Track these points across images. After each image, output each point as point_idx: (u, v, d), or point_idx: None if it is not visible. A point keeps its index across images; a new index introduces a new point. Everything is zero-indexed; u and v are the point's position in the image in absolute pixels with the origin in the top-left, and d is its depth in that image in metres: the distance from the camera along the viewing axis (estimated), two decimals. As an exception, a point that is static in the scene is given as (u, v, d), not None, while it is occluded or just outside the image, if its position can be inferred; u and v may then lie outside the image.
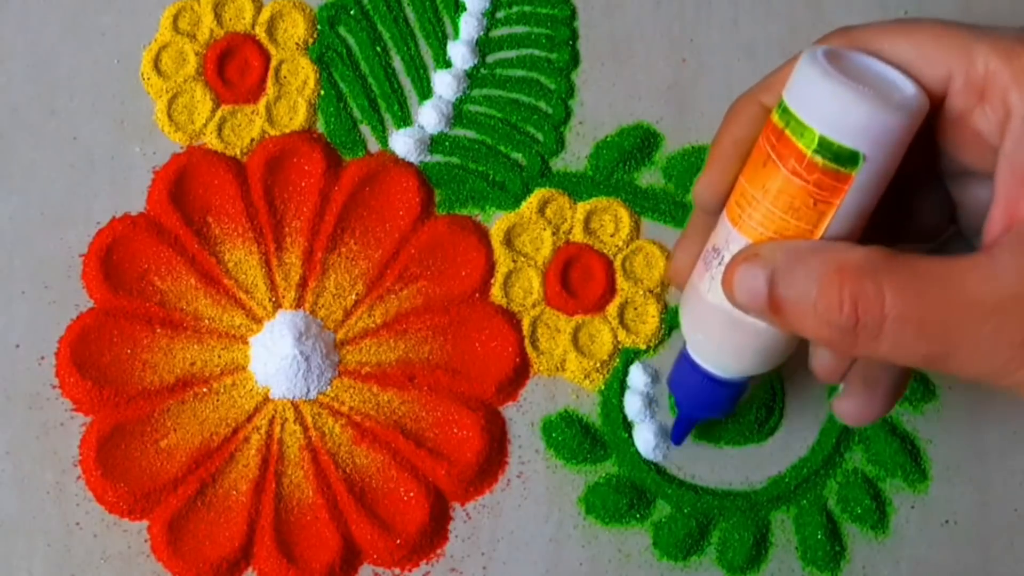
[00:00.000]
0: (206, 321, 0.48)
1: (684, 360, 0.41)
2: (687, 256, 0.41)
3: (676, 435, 0.45)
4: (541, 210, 0.50)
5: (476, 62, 0.52)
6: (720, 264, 0.37)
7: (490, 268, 0.49)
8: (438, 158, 0.51)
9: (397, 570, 0.46)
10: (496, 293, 0.49)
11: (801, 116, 0.35)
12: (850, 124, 0.34)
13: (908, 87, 0.35)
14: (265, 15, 0.52)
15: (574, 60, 0.52)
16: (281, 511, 0.46)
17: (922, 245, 0.40)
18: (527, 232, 0.50)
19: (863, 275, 0.33)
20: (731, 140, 0.39)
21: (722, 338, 0.39)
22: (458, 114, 0.51)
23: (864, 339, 0.33)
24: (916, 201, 0.39)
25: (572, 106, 0.52)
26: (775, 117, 0.36)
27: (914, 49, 0.35)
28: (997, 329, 0.32)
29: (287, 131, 0.50)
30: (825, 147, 0.34)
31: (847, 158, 0.34)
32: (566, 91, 0.52)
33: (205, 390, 0.47)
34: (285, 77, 0.51)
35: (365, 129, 0.51)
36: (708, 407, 0.42)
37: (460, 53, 0.52)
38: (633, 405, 0.48)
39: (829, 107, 0.34)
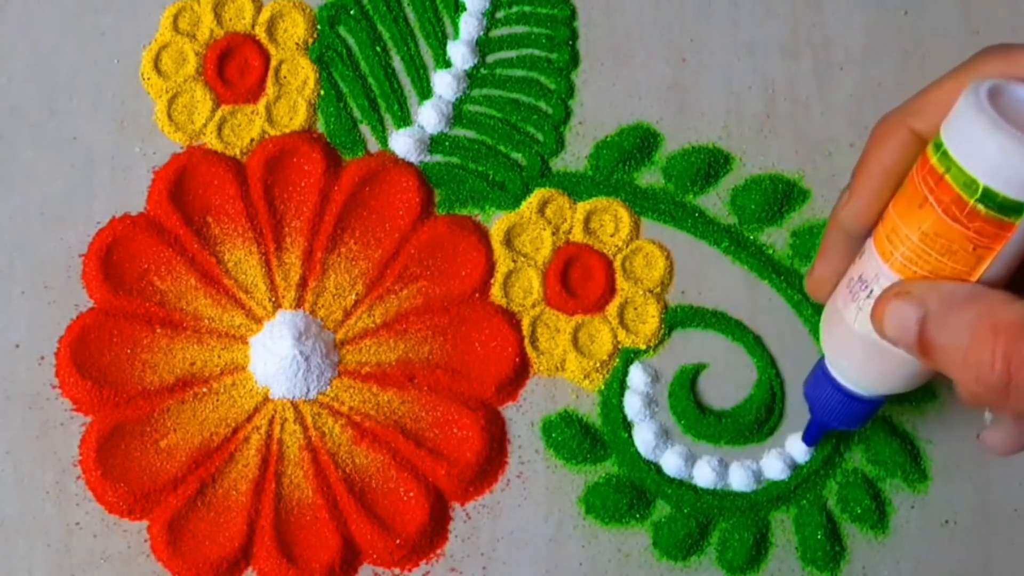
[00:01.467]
0: (206, 321, 0.48)
1: (823, 376, 0.41)
2: (827, 272, 0.40)
3: (809, 439, 0.45)
4: (541, 210, 0.50)
5: (476, 62, 0.52)
6: (869, 297, 0.37)
7: (490, 268, 0.49)
8: (438, 158, 0.51)
9: (397, 570, 0.46)
10: (496, 293, 0.49)
11: (963, 164, 0.34)
12: (1017, 177, 0.33)
13: None
14: (265, 15, 0.52)
15: (574, 60, 0.52)
16: (281, 511, 0.46)
17: None
18: (527, 232, 0.50)
19: (1018, 334, 0.32)
20: (880, 168, 0.38)
21: (867, 364, 0.39)
22: (458, 114, 0.51)
23: (1015, 399, 0.33)
24: None
25: (572, 106, 0.52)
26: (933, 159, 0.35)
27: None
28: None
29: (287, 131, 0.50)
30: (989, 198, 0.33)
31: (1012, 208, 0.33)
32: (566, 91, 0.52)
33: (205, 390, 0.47)
34: (285, 77, 0.51)
35: (365, 129, 0.51)
36: (845, 419, 0.42)
37: (460, 53, 0.52)
38: (633, 405, 0.48)
39: (996, 159, 0.33)
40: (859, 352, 0.39)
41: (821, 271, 0.41)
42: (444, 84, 0.51)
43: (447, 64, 0.52)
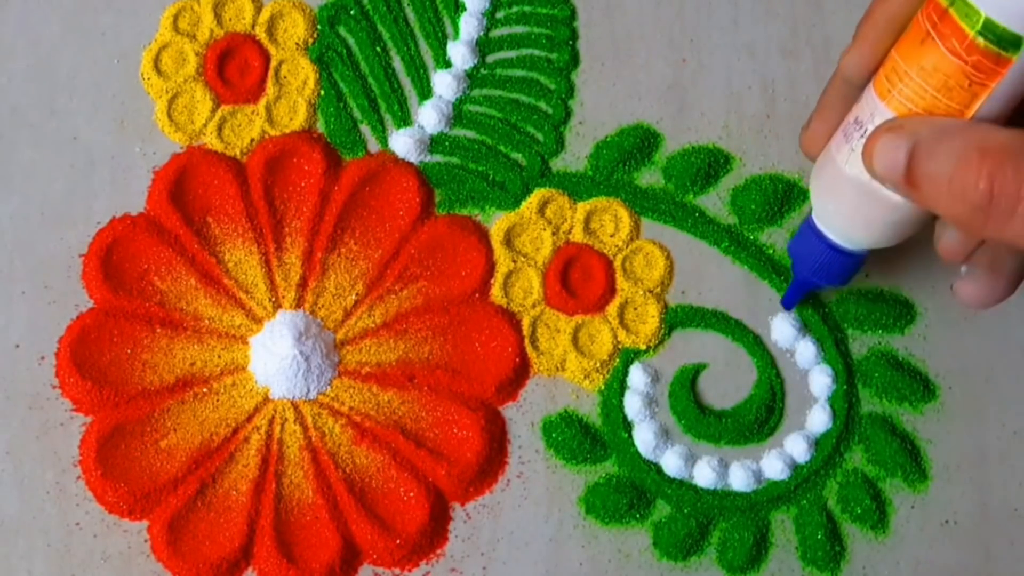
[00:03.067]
0: (206, 321, 0.48)
1: (808, 228, 0.42)
2: (824, 127, 0.41)
3: (789, 300, 0.46)
4: (541, 210, 0.50)
5: (476, 62, 0.52)
6: (862, 137, 0.38)
7: (490, 268, 0.49)
8: (438, 158, 0.51)
9: (397, 570, 0.46)
10: (496, 293, 0.49)
11: None
12: (1017, 8, 0.34)
13: None
14: (265, 15, 0.52)
15: (574, 60, 0.52)
16: (281, 511, 0.46)
17: None
18: (527, 232, 0.50)
19: (1004, 156, 0.33)
20: (884, 15, 0.39)
21: (854, 209, 0.40)
22: (458, 114, 0.51)
23: (995, 219, 0.33)
24: None
25: (572, 106, 0.52)
26: None
27: None
28: None
29: (287, 131, 0.50)
30: (989, 29, 0.34)
31: (1010, 41, 0.34)
32: (566, 91, 0.52)
33: (205, 390, 0.47)
34: (285, 77, 0.51)
35: (365, 129, 0.51)
36: (827, 275, 0.43)
37: (460, 53, 0.52)
38: (633, 405, 0.48)
39: None
40: (847, 196, 0.40)
41: (818, 126, 0.42)
42: (444, 84, 0.51)
43: (447, 64, 0.52)
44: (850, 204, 0.40)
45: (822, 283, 0.44)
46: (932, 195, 0.35)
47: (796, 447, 0.48)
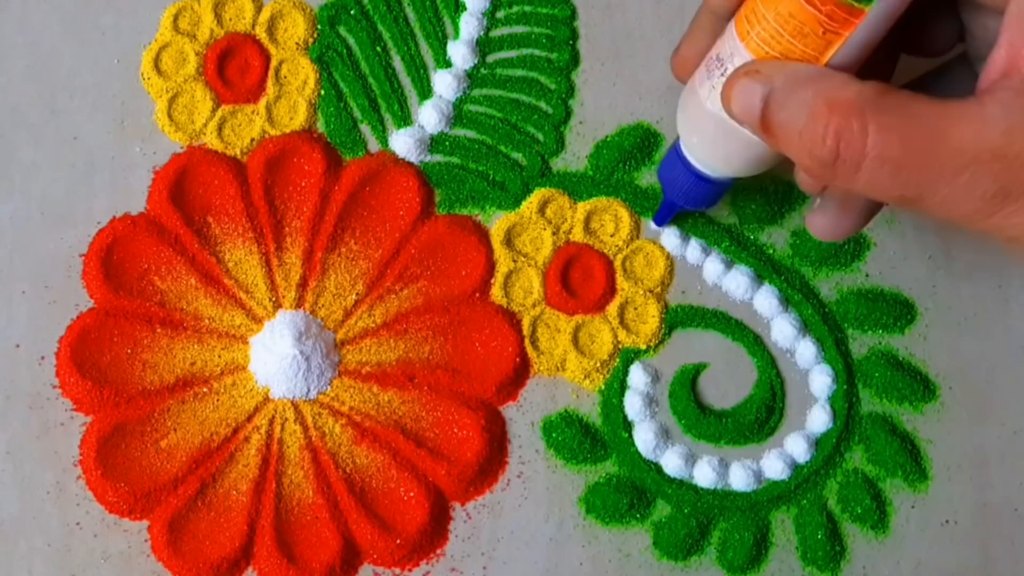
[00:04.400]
0: (206, 321, 0.48)
1: (676, 154, 0.43)
2: (692, 52, 0.42)
3: (659, 219, 0.48)
4: (541, 210, 0.50)
5: (476, 62, 0.52)
6: (722, 75, 0.38)
7: (490, 268, 0.49)
8: (438, 158, 0.51)
9: (397, 570, 0.46)
10: (496, 293, 0.49)
11: None
12: None
13: None
14: (265, 15, 0.52)
15: (574, 60, 0.52)
16: (281, 511, 0.46)
17: (927, 59, 0.41)
18: (527, 232, 0.50)
19: (851, 112, 0.34)
20: None
21: (714, 143, 0.41)
22: (458, 114, 0.51)
23: (842, 173, 0.34)
24: (926, 19, 0.39)
25: (572, 106, 0.52)
26: None
27: None
28: (971, 180, 0.33)
29: (287, 131, 0.50)
30: None
31: None
32: (566, 91, 0.52)
33: (205, 390, 0.47)
34: (285, 77, 0.51)
35: (365, 129, 0.51)
36: (693, 200, 0.44)
37: (460, 53, 0.52)
38: (633, 405, 0.48)
39: None
40: (709, 130, 0.40)
41: (686, 50, 0.42)
42: (444, 84, 0.51)
43: (447, 64, 0.52)
44: (712, 137, 0.41)
45: (689, 207, 0.45)
46: (785, 143, 0.35)
47: (796, 447, 0.48)
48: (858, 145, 0.33)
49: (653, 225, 0.49)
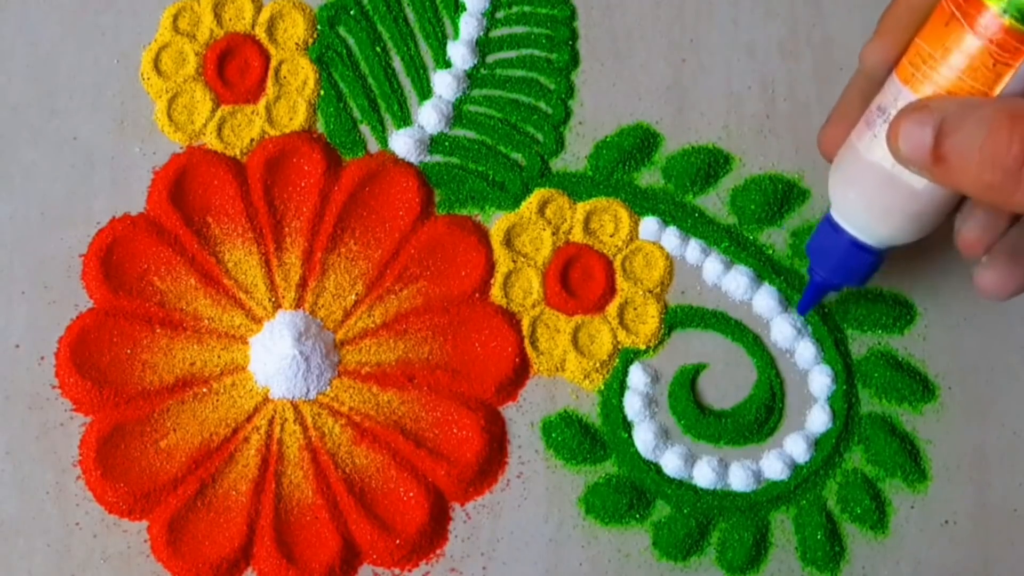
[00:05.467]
0: (206, 321, 0.48)
1: (827, 224, 0.42)
2: (842, 125, 0.41)
3: (804, 305, 0.46)
4: (541, 210, 0.50)
5: (476, 62, 0.52)
6: (885, 122, 0.38)
7: (490, 268, 0.49)
8: (438, 158, 0.51)
9: (397, 570, 0.46)
10: (496, 293, 0.49)
11: None
12: None
13: None
14: (265, 15, 0.52)
15: (574, 60, 0.52)
16: (281, 511, 0.46)
17: None
18: (527, 232, 0.50)
19: None
20: (906, 6, 0.39)
21: (873, 197, 0.40)
22: (458, 114, 0.51)
23: None
24: None
25: (572, 106, 0.52)
26: None
27: None
28: None
29: (287, 131, 0.50)
30: (1015, 7, 0.35)
31: None
32: (566, 91, 0.52)
33: (205, 390, 0.47)
34: (285, 77, 0.51)
35: (365, 129, 0.51)
36: (845, 273, 0.42)
37: (460, 53, 0.52)
38: (633, 405, 0.48)
39: None
40: (868, 182, 0.39)
41: (837, 124, 0.42)
42: (444, 84, 0.51)
43: (447, 64, 0.52)
44: (870, 191, 0.40)
45: (840, 282, 0.43)
46: (960, 168, 0.35)
47: (796, 447, 0.48)
48: None
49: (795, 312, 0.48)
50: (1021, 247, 0.40)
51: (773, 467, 0.47)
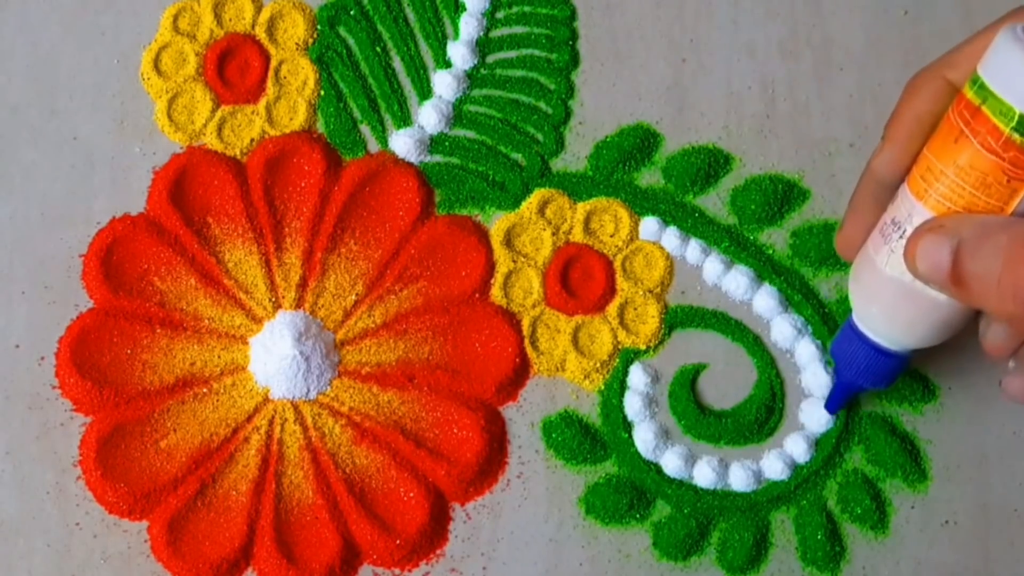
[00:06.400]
0: (206, 321, 0.48)
1: (850, 330, 0.42)
2: (858, 228, 0.41)
3: (833, 404, 0.45)
4: (541, 210, 0.50)
5: (476, 62, 0.52)
6: (901, 238, 0.38)
7: (490, 268, 0.49)
8: (438, 158, 0.51)
9: (397, 570, 0.46)
10: (496, 293, 0.49)
11: (1000, 93, 0.35)
12: None
13: None
14: (265, 15, 0.52)
15: (574, 60, 0.52)
16: (281, 511, 0.46)
17: None
18: (527, 232, 0.50)
19: None
20: (914, 115, 0.39)
21: (895, 310, 0.39)
22: (458, 114, 0.51)
23: None
24: None
25: (572, 106, 0.52)
26: (969, 93, 0.36)
27: None
28: None
29: (287, 131, 0.50)
30: None
31: None
32: (566, 91, 0.52)
33: (205, 390, 0.47)
34: (285, 77, 0.51)
35: (365, 129, 0.51)
36: (871, 377, 0.42)
37: (460, 53, 0.52)
38: (633, 405, 0.48)
39: None
40: (889, 297, 0.39)
41: (852, 227, 0.41)
42: (444, 84, 0.51)
43: (447, 64, 0.52)
44: (892, 305, 0.39)
45: (867, 386, 0.43)
46: (980, 294, 0.34)
47: (796, 447, 0.48)
48: None
49: (824, 410, 0.47)
50: None
51: (773, 467, 0.47)
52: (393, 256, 0.49)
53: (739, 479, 0.47)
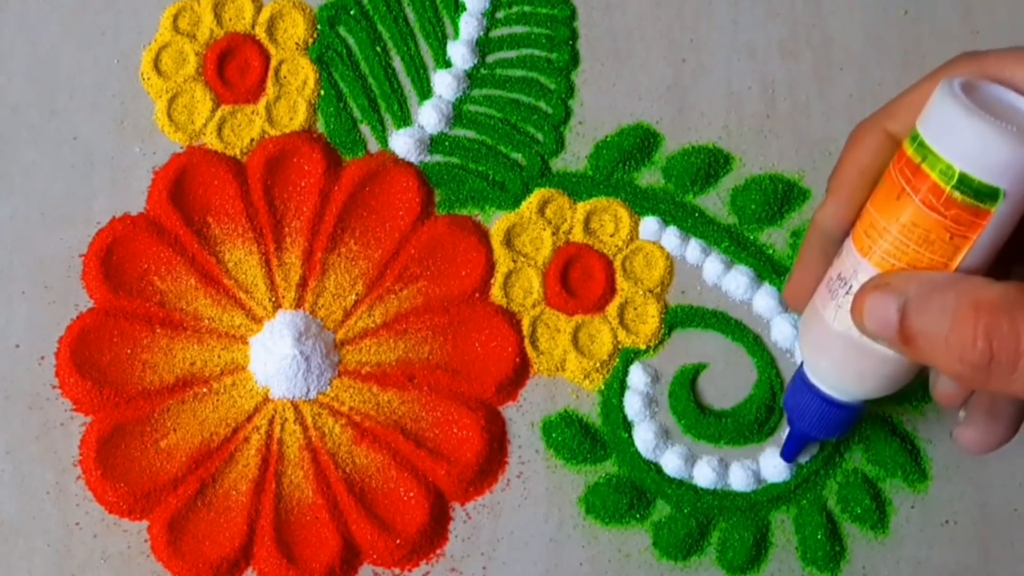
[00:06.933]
0: (206, 321, 0.48)
1: (800, 382, 0.41)
2: (805, 280, 0.40)
3: (788, 453, 0.45)
4: (541, 210, 0.50)
5: (476, 62, 0.52)
6: (847, 293, 0.37)
7: (490, 268, 0.49)
8: (438, 158, 0.51)
9: (397, 570, 0.46)
10: (496, 293, 0.49)
11: (939, 151, 0.34)
12: (992, 161, 0.34)
13: None
14: (265, 15, 0.52)
15: (574, 60, 0.52)
16: (281, 511, 0.46)
17: None
18: (527, 232, 0.50)
19: (999, 311, 0.32)
20: (856, 168, 0.38)
21: (845, 364, 0.39)
22: (458, 114, 0.51)
23: (998, 376, 0.33)
24: None
25: (572, 106, 0.52)
26: (910, 150, 0.35)
27: None
28: None
29: (287, 131, 0.50)
30: (965, 183, 0.34)
31: (987, 194, 0.34)
32: (566, 91, 0.52)
33: (205, 390, 0.47)
34: (285, 77, 0.51)
35: (365, 129, 0.51)
36: (824, 428, 0.42)
37: (460, 53, 0.52)
38: (633, 405, 0.48)
39: (971, 144, 0.34)
40: (838, 351, 0.39)
41: (799, 279, 0.41)
42: (444, 84, 0.51)
43: (447, 64, 0.52)
44: (842, 359, 0.39)
45: (820, 437, 0.43)
46: (929, 352, 0.34)
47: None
48: (1012, 345, 0.32)
49: (779, 459, 0.47)
50: (998, 402, 0.39)
51: (773, 467, 0.47)
52: (393, 256, 0.49)
53: (739, 479, 0.47)
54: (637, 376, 0.48)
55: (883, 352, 0.37)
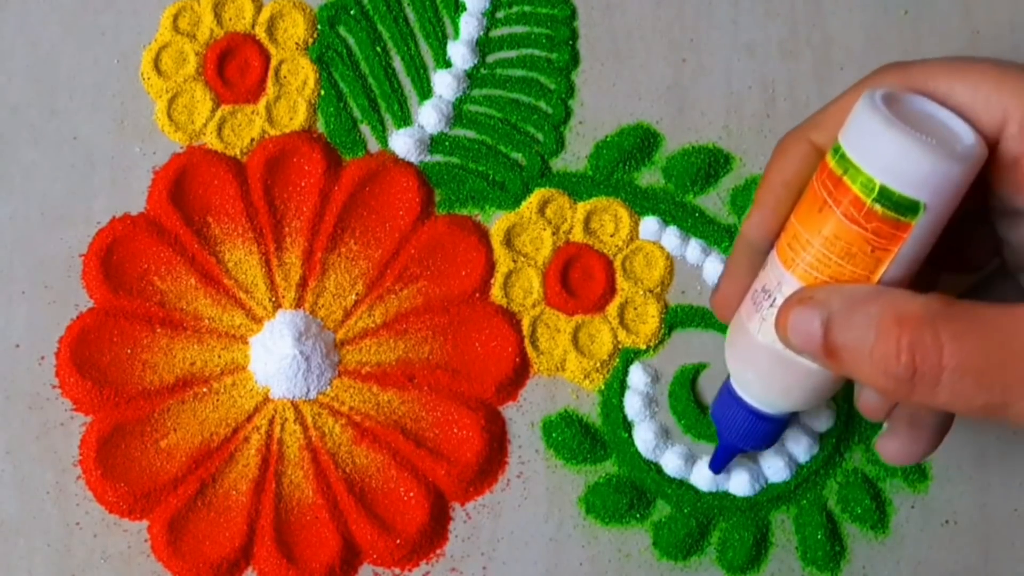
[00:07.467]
0: (206, 321, 0.48)
1: (728, 394, 0.41)
2: (733, 289, 0.40)
3: (716, 464, 0.45)
4: (541, 210, 0.50)
5: (476, 62, 0.52)
6: (772, 306, 0.37)
7: (490, 268, 0.49)
8: (438, 158, 0.51)
9: (397, 570, 0.46)
10: (496, 293, 0.49)
11: (860, 164, 0.34)
12: (912, 174, 0.34)
13: (967, 134, 0.34)
14: (265, 15, 0.52)
15: (574, 60, 0.52)
16: (281, 511, 0.46)
17: (965, 276, 0.40)
18: (527, 232, 0.50)
19: (922, 324, 0.32)
20: (781, 179, 0.38)
21: (771, 377, 0.39)
22: (458, 114, 0.51)
23: (921, 389, 0.33)
24: (963, 235, 0.38)
25: (572, 106, 0.52)
26: (831, 163, 0.35)
27: (970, 91, 0.35)
28: None
29: (287, 131, 0.50)
30: (886, 196, 0.34)
31: (907, 207, 0.34)
32: (566, 91, 0.52)
33: (205, 390, 0.47)
34: (285, 77, 0.51)
35: (365, 129, 0.51)
36: (751, 440, 0.42)
37: (460, 53, 0.52)
38: (633, 405, 0.48)
39: (891, 157, 0.34)
40: (763, 364, 0.38)
41: (727, 288, 0.41)
42: (444, 84, 0.51)
43: (447, 64, 0.52)
44: (767, 372, 0.39)
45: (748, 449, 0.43)
46: (853, 365, 0.34)
47: (797, 447, 0.48)
48: (935, 358, 0.32)
49: (708, 470, 0.47)
50: (920, 414, 0.39)
51: (774, 467, 0.47)
52: (393, 256, 0.49)
53: (739, 479, 0.47)
54: (637, 376, 0.48)
55: (808, 365, 0.37)
